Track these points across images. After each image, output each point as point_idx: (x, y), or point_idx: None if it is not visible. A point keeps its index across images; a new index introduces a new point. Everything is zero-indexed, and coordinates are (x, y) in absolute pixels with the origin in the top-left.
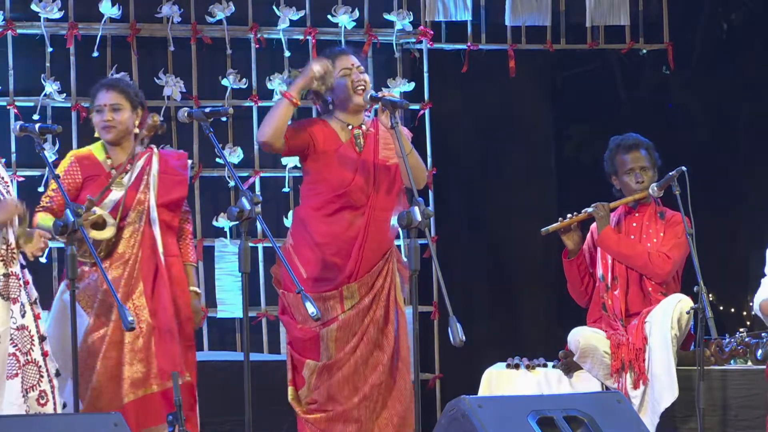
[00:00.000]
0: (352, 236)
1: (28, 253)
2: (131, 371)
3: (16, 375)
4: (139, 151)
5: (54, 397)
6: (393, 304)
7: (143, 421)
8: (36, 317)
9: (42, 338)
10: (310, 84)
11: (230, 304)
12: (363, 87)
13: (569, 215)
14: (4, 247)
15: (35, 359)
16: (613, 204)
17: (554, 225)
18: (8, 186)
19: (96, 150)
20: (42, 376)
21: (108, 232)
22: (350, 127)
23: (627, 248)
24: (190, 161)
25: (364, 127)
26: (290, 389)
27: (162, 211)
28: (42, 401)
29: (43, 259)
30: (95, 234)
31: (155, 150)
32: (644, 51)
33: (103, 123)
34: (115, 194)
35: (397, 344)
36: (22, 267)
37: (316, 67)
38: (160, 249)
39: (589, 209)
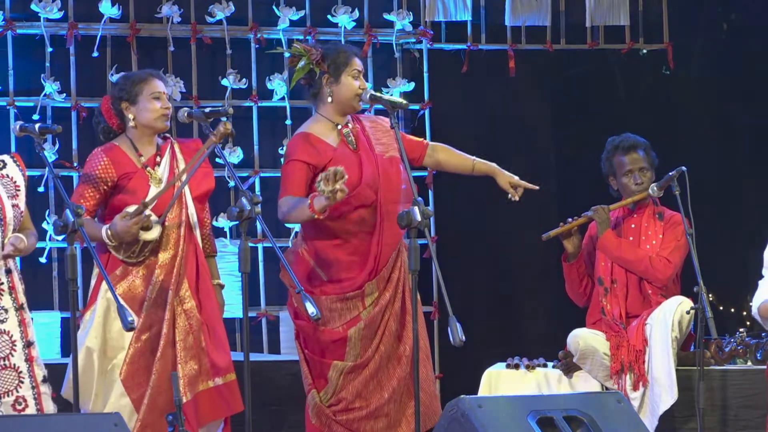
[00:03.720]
0: (367, 233)
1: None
2: (186, 369)
3: None
4: (161, 144)
5: (40, 403)
6: (408, 294)
7: (205, 416)
8: (22, 322)
9: (28, 344)
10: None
11: (230, 304)
12: (361, 95)
13: (569, 219)
14: None
15: (15, 365)
16: (613, 206)
17: (555, 230)
18: (17, 190)
19: (123, 145)
20: (22, 382)
21: (155, 232)
22: (339, 126)
23: (628, 253)
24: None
25: (350, 125)
26: (313, 393)
27: (195, 204)
28: (19, 407)
29: (42, 259)
30: (144, 235)
31: (174, 141)
32: (644, 51)
33: (164, 110)
34: (155, 191)
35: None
36: (8, 272)
37: (340, 196)
38: (200, 243)
39: (589, 213)
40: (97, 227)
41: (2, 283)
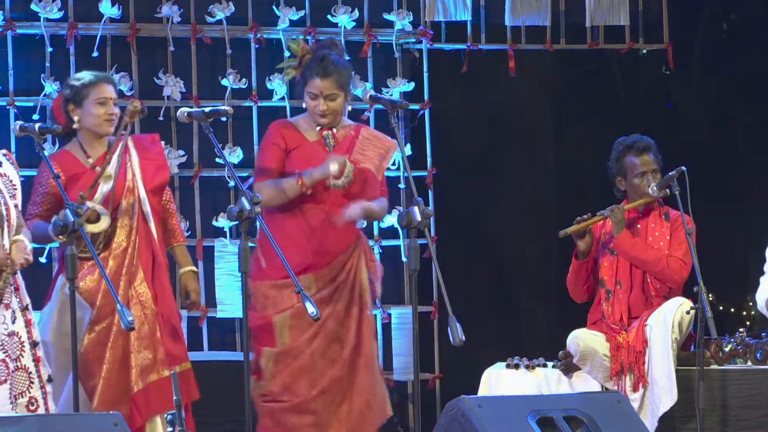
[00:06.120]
0: (307, 229)
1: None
2: (139, 358)
3: (5, 381)
4: (113, 140)
5: (46, 404)
6: (356, 300)
7: (155, 406)
8: (28, 323)
9: (34, 344)
10: (327, 179)
11: (230, 304)
12: (322, 115)
13: (585, 216)
14: None
15: (25, 365)
16: (627, 207)
17: (572, 227)
18: (15, 189)
19: (72, 149)
20: (32, 383)
21: (103, 224)
22: (318, 128)
23: (644, 253)
24: (164, 144)
25: (335, 129)
26: (253, 380)
27: (149, 196)
28: (32, 407)
29: (42, 259)
30: (91, 227)
31: (128, 138)
32: (644, 51)
33: (108, 116)
34: (105, 187)
35: (359, 340)
36: (13, 273)
37: (333, 167)
38: (155, 235)
39: (606, 212)
40: (44, 227)
41: (11, 284)
